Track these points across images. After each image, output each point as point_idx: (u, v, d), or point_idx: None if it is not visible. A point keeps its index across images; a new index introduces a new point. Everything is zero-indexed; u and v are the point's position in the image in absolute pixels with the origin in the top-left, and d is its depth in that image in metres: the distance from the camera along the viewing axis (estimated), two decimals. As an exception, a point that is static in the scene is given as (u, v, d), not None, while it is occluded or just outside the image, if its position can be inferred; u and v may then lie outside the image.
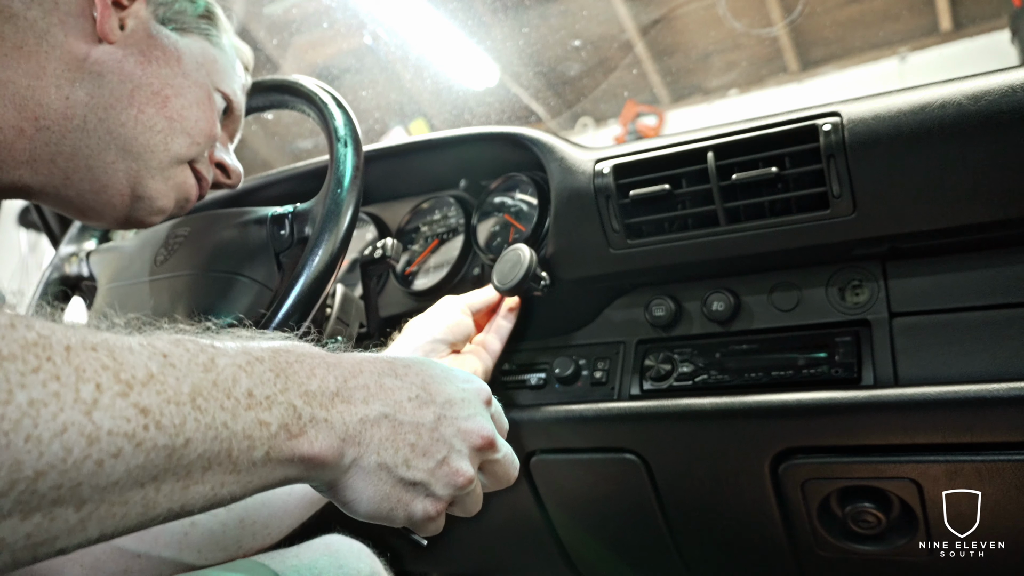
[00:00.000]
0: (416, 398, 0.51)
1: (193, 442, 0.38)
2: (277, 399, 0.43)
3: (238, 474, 0.41)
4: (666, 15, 5.04)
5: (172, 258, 0.90)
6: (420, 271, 1.19)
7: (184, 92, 0.79)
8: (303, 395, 0.44)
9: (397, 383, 0.51)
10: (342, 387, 0.47)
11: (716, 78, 5.37)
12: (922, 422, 0.80)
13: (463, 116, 4.78)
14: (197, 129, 0.80)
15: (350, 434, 0.47)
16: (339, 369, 0.48)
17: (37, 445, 0.31)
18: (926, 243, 0.84)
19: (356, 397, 0.48)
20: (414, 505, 0.51)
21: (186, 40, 0.81)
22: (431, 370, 0.54)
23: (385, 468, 0.49)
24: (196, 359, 0.40)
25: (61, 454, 0.32)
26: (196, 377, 0.39)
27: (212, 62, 0.84)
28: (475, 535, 1.24)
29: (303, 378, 0.45)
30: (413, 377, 0.52)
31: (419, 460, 0.50)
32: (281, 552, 0.75)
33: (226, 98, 0.86)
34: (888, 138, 0.81)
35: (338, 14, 4.44)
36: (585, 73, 5.08)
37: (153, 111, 0.76)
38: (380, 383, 0.50)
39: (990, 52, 4.21)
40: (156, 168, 0.78)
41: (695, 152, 0.91)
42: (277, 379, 0.43)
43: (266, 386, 0.42)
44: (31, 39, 0.69)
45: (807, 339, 0.90)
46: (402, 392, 0.51)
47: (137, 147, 0.76)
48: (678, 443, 0.95)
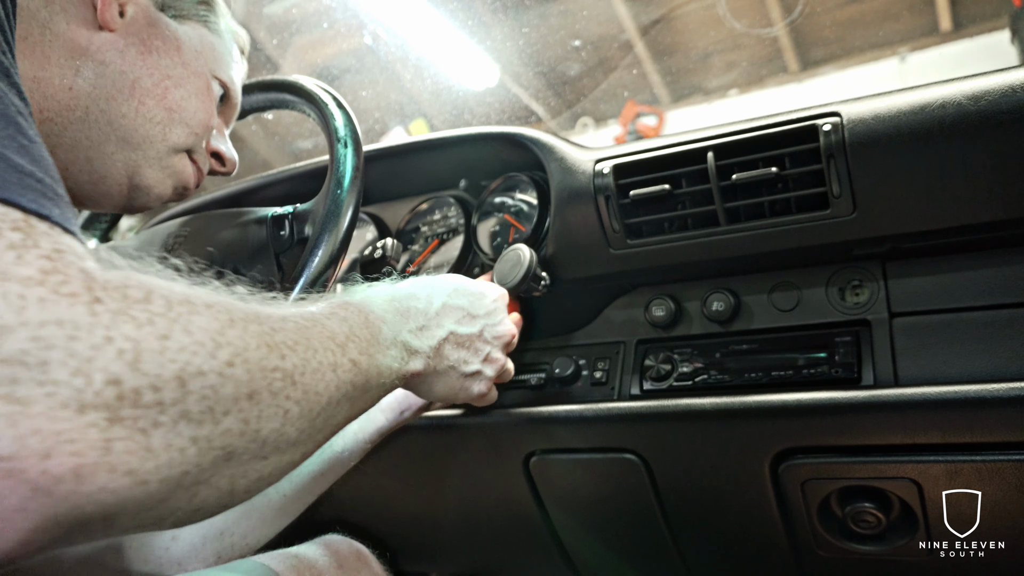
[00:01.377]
0: (467, 316, 0.76)
1: (369, 376, 0.58)
2: (395, 342, 0.65)
3: (372, 393, 0.60)
4: (666, 15, 5.05)
5: (172, 258, 0.90)
6: (420, 271, 1.19)
7: (183, 82, 0.78)
8: (405, 336, 0.67)
9: (453, 306, 0.75)
10: (425, 323, 0.71)
11: (716, 78, 5.38)
12: (922, 422, 0.80)
13: (463, 116, 4.78)
14: (195, 119, 0.80)
15: (432, 352, 0.71)
16: (421, 311, 0.71)
17: (316, 396, 0.50)
18: (926, 243, 0.84)
19: (432, 325, 0.72)
20: (471, 387, 0.79)
21: (185, 27, 0.81)
22: (472, 289, 0.79)
23: (452, 368, 0.75)
24: (358, 319, 0.60)
25: (335, 388, 0.52)
26: (364, 333, 0.59)
27: (210, 49, 0.83)
28: (475, 535, 1.24)
29: (403, 324, 0.67)
30: (461, 300, 0.76)
31: (473, 358, 0.77)
32: (281, 552, 0.75)
33: (223, 85, 0.85)
34: (888, 138, 0.81)
35: (338, 14, 4.45)
36: (585, 73, 5.09)
37: (153, 102, 0.76)
38: (444, 311, 0.74)
39: (990, 52, 4.21)
40: (154, 158, 0.78)
41: (695, 152, 0.91)
42: (392, 327, 0.65)
43: (389, 333, 0.64)
44: (35, 29, 0.68)
45: (807, 339, 0.90)
46: (458, 312, 0.75)
47: (137, 138, 0.75)
48: (678, 443, 0.95)
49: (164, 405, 0.38)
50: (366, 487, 1.09)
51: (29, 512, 0.34)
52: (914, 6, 4.86)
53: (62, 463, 0.34)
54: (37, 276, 0.37)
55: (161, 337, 0.39)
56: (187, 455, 0.40)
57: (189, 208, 1.30)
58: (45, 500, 0.34)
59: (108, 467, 0.36)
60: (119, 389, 0.37)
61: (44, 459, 0.34)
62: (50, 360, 0.35)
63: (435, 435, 1.08)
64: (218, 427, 0.41)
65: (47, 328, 0.35)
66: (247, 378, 0.43)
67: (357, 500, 1.15)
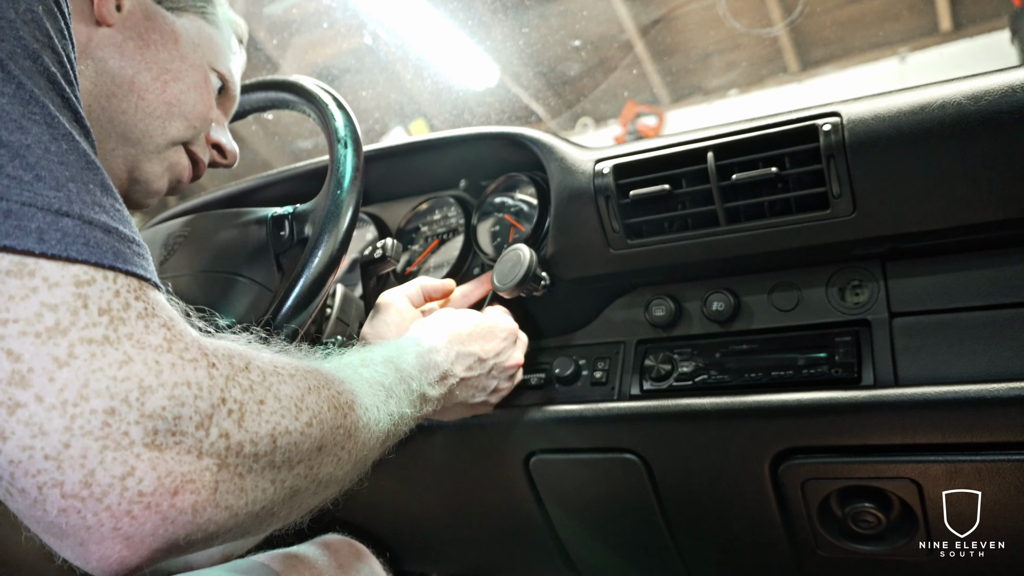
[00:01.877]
0: (477, 361, 0.87)
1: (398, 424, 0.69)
2: (419, 395, 0.75)
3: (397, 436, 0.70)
4: (666, 15, 5.04)
5: (172, 258, 0.90)
6: (420, 271, 1.19)
7: (182, 76, 0.78)
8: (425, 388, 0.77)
9: (466, 354, 0.85)
10: (440, 375, 0.81)
11: (716, 78, 5.37)
12: (922, 422, 0.80)
13: (463, 116, 4.78)
14: (194, 113, 0.80)
15: (447, 394, 0.83)
16: (439, 364, 0.81)
17: (363, 445, 0.61)
18: (926, 243, 0.84)
19: (448, 373, 0.82)
20: (476, 410, 0.93)
21: (182, 20, 0.80)
22: (483, 332, 0.89)
23: (463, 402, 0.88)
24: (395, 377, 0.71)
25: (376, 438, 0.64)
26: (399, 390, 0.71)
27: (208, 41, 0.82)
28: (475, 535, 1.24)
29: (424, 377, 0.78)
30: (474, 346, 0.87)
31: (480, 393, 0.89)
32: (281, 552, 0.75)
33: (221, 77, 0.85)
34: (888, 138, 0.81)
35: (338, 14, 4.45)
36: (585, 73, 5.08)
37: (153, 97, 0.75)
38: (458, 360, 0.84)
39: (990, 52, 4.21)
40: (153, 152, 0.78)
41: (695, 152, 0.91)
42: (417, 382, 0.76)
43: (416, 387, 0.75)
44: None
45: (807, 339, 0.90)
46: (469, 359, 0.86)
47: (136, 133, 0.75)
48: (678, 443, 0.95)
49: (258, 456, 0.47)
50: (366, 487, 1.09)
51: (158, 536, 0.43)
52: (914, 6, 4.86)
53: (185, 499, 0.43)
54: (164, 344, 0.44)
55: (259, 402, 0.48)
56: (267, 494, 0.49)
57: (189, 208, 1.30)
58: (171, 527, 0.43)
59: (214, 503, 0.45)
60: (228, 441, 0.46)
61: (174, 495, 0.43)
62: (183, 415, 0.44)
63: (435, 435, 1.08)
64: (292, 472, 0.51)
65: (179, 389, 0.44)
66: (320, 435, 0.53)
67: (357, 500, 1.14)
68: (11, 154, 0.42)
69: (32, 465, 0.40)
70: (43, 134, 0.44)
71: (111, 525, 0.41)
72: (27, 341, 0.40)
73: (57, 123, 0.45)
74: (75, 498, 0.40)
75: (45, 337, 0.40)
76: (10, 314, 0.40)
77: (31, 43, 0.45)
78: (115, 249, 0.45)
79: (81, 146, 0.46)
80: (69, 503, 0.40)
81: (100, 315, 0.42)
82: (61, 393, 0.40)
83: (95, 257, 0.43)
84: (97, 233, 0.44)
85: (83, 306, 0.42)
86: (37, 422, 0.40)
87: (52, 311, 0.41)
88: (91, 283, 0.43)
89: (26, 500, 0.41)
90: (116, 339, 0.42)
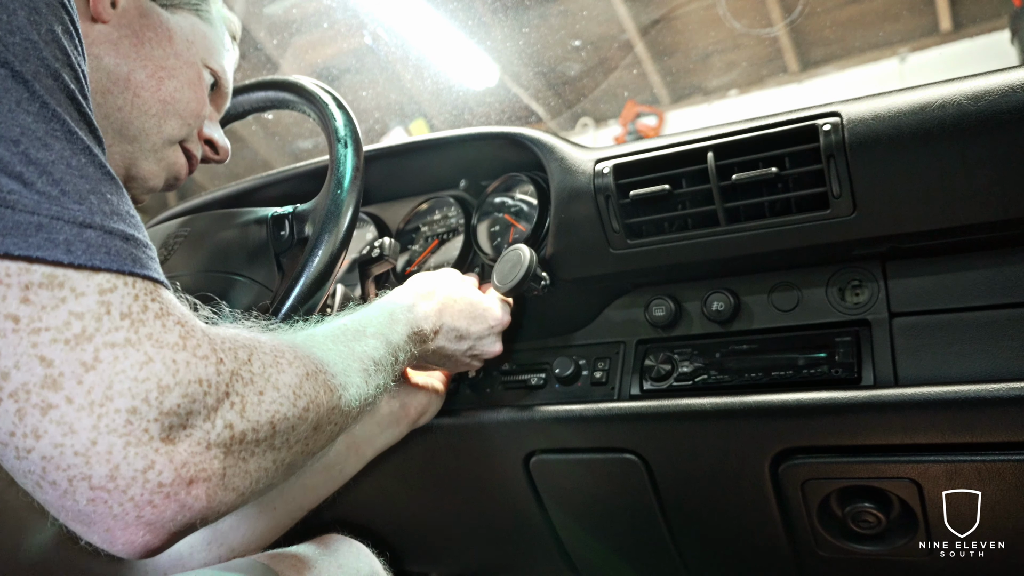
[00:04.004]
0: (457, 337, 0.93)
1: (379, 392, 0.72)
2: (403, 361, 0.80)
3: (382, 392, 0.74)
4: (666, 15, 5.04)
5: (172, 258, 0.90)
6: (420, 271, 1.19)
7: (176, 73, 0.78)
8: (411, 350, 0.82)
9: (451, 327, 0.91)
10: (424, 338, 0.87)
11: (716, 78, 5.37)
12: (922, 422, 0.80)
13: (463, 116, 4.78)
14: (189, 110, 0.80)
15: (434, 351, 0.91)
16: (423, 333, 0.87)
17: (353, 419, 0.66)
18: (926, 243, 0.84)
19: (428, 339, 0.88)
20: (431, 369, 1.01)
21: (176, 17, 0.80)
22: (476, 311, 0.94)
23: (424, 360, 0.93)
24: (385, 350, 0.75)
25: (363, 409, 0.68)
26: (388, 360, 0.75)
27: (202, 38, 0.83)
28: (475, 535, 1.24)
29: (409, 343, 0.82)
30: (460, 321, 0.92)
31: (447, 362, 0.96)
32: (281, 552, 0.75)
33: (214, 74, 0.85)
34: (888, 138, 0.81)
35: (338, 14, 4.44)
36: (585, 73, 5.08)
37: (148, 95, 0.75)
38: (442, 330, 0.90)
39: (990, 52, 4.20)
40: (149, 150, 0.78)
41: (695, 152, 0.91)
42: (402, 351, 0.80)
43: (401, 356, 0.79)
44: None
45: (807, 339, 0.90)
46: (452, 332, 0.92)
47: (132, 131, 0.75)
48: (678, 443, 0.95)
49: (259, 441, 0.52)
50: (366, 487, 1.09)
51: (177, 521, 0.47)
52: (914, 6, 4.86)
53: (199, 487, 0.47)
54: (180, 342, 0.48)
55: (259, 393, 0.52)
56: (268, 473, 0.53)
57: (189, 208, 1.30)
58: (188, 513, 0.47)
59: (223, 487, 0.49)
60: (232, 432, 0.49)
61: (189, 485, 0.47)
62: (193, 411, 0.47)
63: (435, 435, 1.08)
64: (290, 451, 0.56)
65: (192, 386, 0.47)
66: (315, 418, 0.58)
67: (357, 500, 1.15)
68: (39, 171, 0.45)
69: (63, 460, 0.44)
70: (64, 149, 0.47)
71: (135, 514, 0.45)
72: (57, 348, 0.44)
73: (76, 138, 0.48)
74: (102, 490, 0.44)
75: (74, 343, 0.44)
76: (42, 323, 0.44)
77: (52, 62, 0.48)
78: (133, 256, 0.48)
79: (98, 158, 0.49)
80: (97, 495, 0.44)
81: (122, 319, 0.46)
82: (88, 395, 0.44)
83: (116, 265, 0.47)
84: (117, 242, 0.47)
85: (106, 312, 0.45)
86: (68, 421, 0.44)
87: (79, 319, 0.44)
88: (113, 290, 0.46)
89: (56, 491, 0.45)
90: (137, 340, 0.46)
